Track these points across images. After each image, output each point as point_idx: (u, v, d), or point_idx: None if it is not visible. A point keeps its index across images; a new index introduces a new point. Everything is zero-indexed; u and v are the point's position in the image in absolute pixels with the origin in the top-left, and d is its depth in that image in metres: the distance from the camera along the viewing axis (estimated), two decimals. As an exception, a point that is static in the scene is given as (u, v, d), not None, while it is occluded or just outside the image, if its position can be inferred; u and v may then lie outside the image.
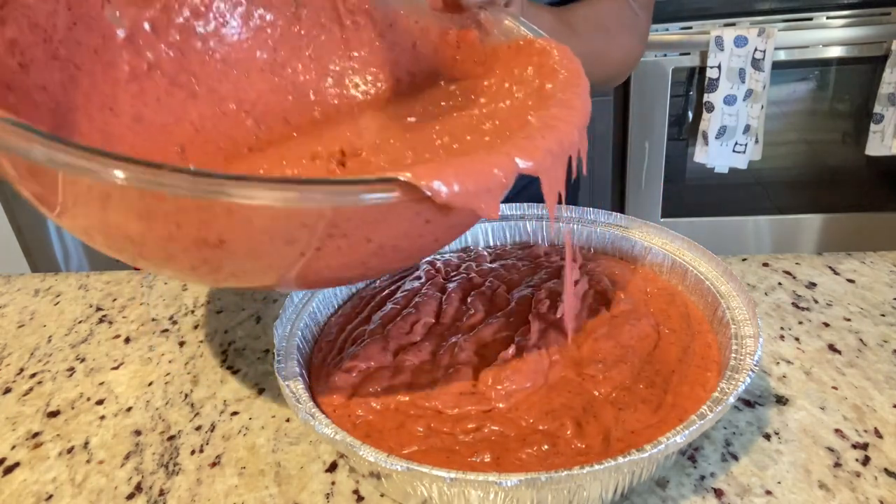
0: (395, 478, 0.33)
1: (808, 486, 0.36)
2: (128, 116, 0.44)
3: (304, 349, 0.42)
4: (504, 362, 0.39)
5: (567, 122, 0.34)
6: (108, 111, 0.43)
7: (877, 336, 0.47)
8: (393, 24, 0.50)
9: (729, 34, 1.58)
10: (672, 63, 1.69)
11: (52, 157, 0.25)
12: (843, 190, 1.83)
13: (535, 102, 0.39)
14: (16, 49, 0.38)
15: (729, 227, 1.89)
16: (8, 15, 0.38)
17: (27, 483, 0.41)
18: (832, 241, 1.88)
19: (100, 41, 0.43)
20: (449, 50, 0.48)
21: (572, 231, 0.53)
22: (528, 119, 0.34)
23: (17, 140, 0.26)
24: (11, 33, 0.38)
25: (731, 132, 1.68)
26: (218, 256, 0.30)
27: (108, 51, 0.44)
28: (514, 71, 0.43)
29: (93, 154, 0.25)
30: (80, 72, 0.42)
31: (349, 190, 0.27)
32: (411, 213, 0.30)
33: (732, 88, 1.63)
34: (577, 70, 0.39)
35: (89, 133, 0.42)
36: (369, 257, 0.33)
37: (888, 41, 1.57)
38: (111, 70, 0.44)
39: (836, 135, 1.79)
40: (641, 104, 1.75)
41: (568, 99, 0.36)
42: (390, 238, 0.32)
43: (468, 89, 0.47)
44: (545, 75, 0.40)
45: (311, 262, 0.31)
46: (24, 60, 0.38)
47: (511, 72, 0.43)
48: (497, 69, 0.45)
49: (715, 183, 1.82)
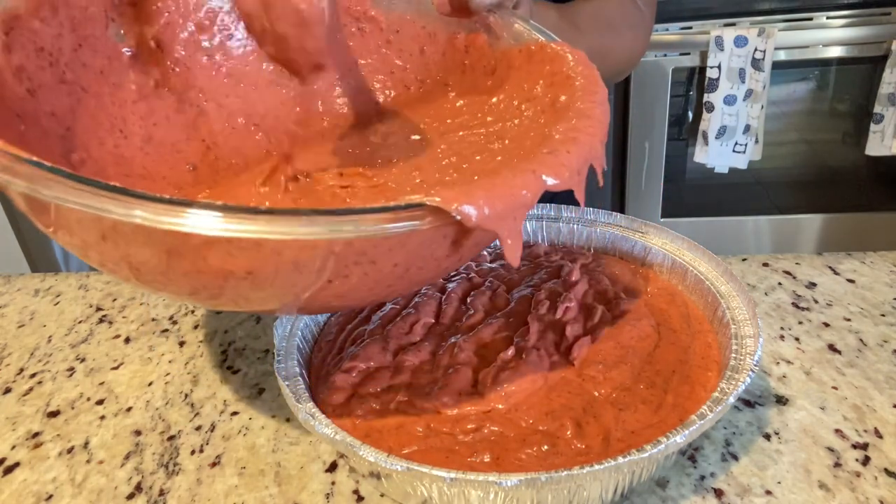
0: (395, 478, 0.33)
1: (808, 486, 0.36)
2: (138, 137, 0.44)
3: (304, 349, 0.42)
4: (504, 363, 0.39)
5: (589, 134, 0.33)
6: (118, 133, 0.43)
7: (877, 336, 0.47)
8: (400, 30, 0.50)
9: (729, 34, 1.58)
10: (672, 63, 1.69)
11: (60, 195, 0.25)
12: (843, 190, 1.82)
13: (548, 118, 0.38)
14: (24, 75, 0.38)
15: (729, 227, 1.89)
16: (14, 41, 0.37)
17: (27, 483, 0.41)
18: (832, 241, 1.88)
19: (105, 62, 0.43)
20: (458, 55, 0.47)
21: (572, 232, 0.53)
22: (549, 133, 0.34)
23: (31, 181, 0.25)
24: (18, 59, 0.37)
25: (731, 132, 1.68)
26: (241, 286, 0.30)
27: (115, 71, 0.44)
28: (524, 86, 0.42)
29: (114, 194, 0.25)
30: (88, 94, 0.42)
31: (378, 219, 0.26)
32: (439, 235, 0.30)
33: (732, 88, 1.63)
34: (593, 77, 0.38)
35: (100, 157, 0.42)
36: (395, 280, 0.32)
37: (888, 41, 1.57)
38: (118, 91, 0.44)
39: (836, 135, 1.79)
40: (641, 104, 1.75)
41: (587, 108, 0.35)
42: (417, 260, 0.31)
43: (475, 107, 0.46)
44: (558, 85, 0.39)
45: (335, 287, 0.31)
46: (32, 86, 0.38)
47: (521, 87, 0.42)
48: (507, 84, 0.44)
49: (715, 183, 1.82)
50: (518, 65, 0.43)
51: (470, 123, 0.45)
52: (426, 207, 0.27)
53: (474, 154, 0.41)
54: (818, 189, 1.84)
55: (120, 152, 0.43)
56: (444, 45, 0.48)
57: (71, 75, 0.41)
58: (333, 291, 0.31)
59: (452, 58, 0.48)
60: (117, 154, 0.42)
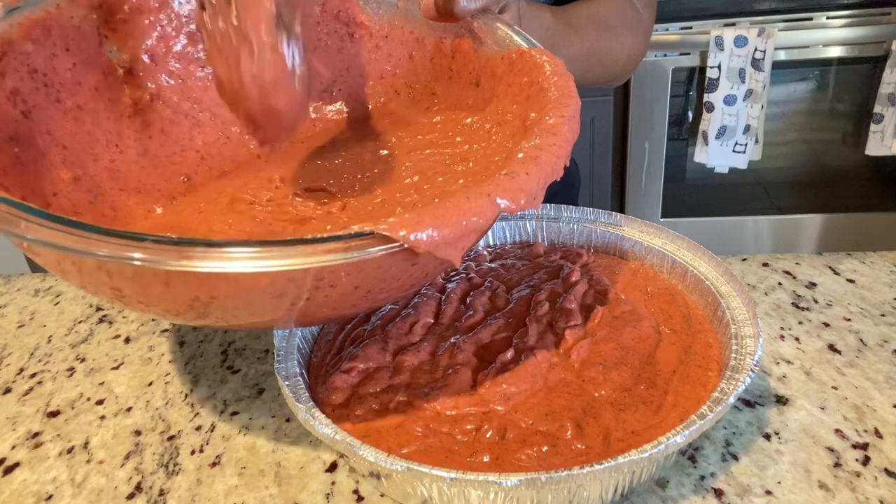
0: (395, 478, 0.33)
1: (808, 486, 0.36)
2: (133, 151, 0.44)
3: (304, 349, 0.42)
4: (503, 364, 0.39)
5: (552, 154, 0.33)
6: (114, 148, 0.43)
7: (877, 336, 0.47)
8: (389, 35, 0.50)
9: (729, 34, 1.58)
10: (672, 63, 1.69)
11: (31, 236, 0.26)
12: (843, 190, 1.83)
13: (517, 141, 0.38)
14: (17, 98, 0.38)
15: (729, 227, 1.89)
16: (7, 66, 0.38)
17: (27, 483, 0.41)
18: (832, 241, 1.88)
19: (100, 79, 0.43)
20: (445, 60, 0.47)
21: (572, 232, 0.53)
22: (513, 152, 0.34)
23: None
24: (12, 83, 0.38)
25: (731, 132, 1.68)
26: (209, 307, 0.30)
27: (110, 87, 0.44)
28: (499, 108, 0.42)
29: (75, 231, 0.26)
30: (83, 112, 0.42)
31: (329, 249, 0.27)
32: (398, 259, 0.30)
33: (732, 88, 1.63)
34: (567, 88, 0.37)
35: (96, 173, 0.42)
36: (359, 301, 0.33)
37: (888, 41, 1.57)
38: (114, 106, 0.44)
39: (836, 135, 1.79)
40: (641, 104, 1.75)
41: (555, 125, 0.35)
42: (378, 282, 0.31)
43: (449, 125, 0.46)
44: (533, 99, 0.39)
45: (302, 308, 0.31)
46: (26, 108, 0.39)
47: (496, 110, 0.42)
48: (488, 106, 0.44)
49: (715, 183, 1.82)
50: (500, 74, 0.43)
51: (439, 142, 0.45)
52: (375, 235, 0.28)
53: (437, 175, 0.42)
54: (818, 189, 1.84)
55: (116, 167, 0.43)
56: (431, 50, 0.48)
57: (66, 94, 0.41)
58: (298, 313, 0.32)
59: (440, 63, 0.48)
60: (113, 169, 0.43)
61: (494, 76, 0.43)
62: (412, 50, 0.49)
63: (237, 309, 0.31)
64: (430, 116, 0.48)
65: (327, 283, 0.30)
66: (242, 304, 0.31)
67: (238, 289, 0.29)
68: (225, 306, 0.30)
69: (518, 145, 0.34)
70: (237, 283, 0.28)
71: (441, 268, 0.36)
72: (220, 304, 0.30)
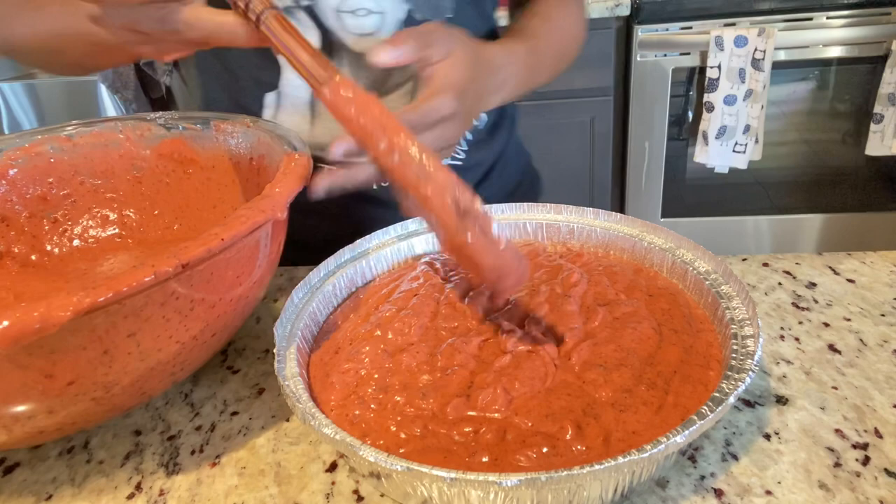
0: (395, 478, 0.33)
1: (808, 486, 0.36)
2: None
3: (304, 349, 0.42)
4: (502, 365, 0.39)
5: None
6: None
7: (877, 336, 0.47)
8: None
9: (729, 34, 1.58)
10: (672, 63, 1.69)
11: None
12: (843, 190, 1.83)
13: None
14: None
15: (729, 227, 1.89)
16: None
17: (27, 483, 0.41)
18: (832, 241, 1.88)
19: None
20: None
21: (572, 232, 0.52)
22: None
23: None
24: None
25: (731, 132, 1.68)
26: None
27: None
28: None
29: None
30: None
31: None
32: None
33: (732, 88, 1.63)
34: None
35: None
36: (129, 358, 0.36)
37: (888, 41, 1.57)
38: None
39: (836, 135, 1.79)
40: (641, 104, 1.75)
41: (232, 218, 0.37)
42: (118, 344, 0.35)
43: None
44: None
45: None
46: None
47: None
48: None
49: (715, 183, 1.83)
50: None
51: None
52: None
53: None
54: (818, 189, 1.84)
55: None
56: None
57: None
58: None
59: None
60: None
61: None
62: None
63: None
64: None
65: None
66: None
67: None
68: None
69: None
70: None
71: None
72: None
